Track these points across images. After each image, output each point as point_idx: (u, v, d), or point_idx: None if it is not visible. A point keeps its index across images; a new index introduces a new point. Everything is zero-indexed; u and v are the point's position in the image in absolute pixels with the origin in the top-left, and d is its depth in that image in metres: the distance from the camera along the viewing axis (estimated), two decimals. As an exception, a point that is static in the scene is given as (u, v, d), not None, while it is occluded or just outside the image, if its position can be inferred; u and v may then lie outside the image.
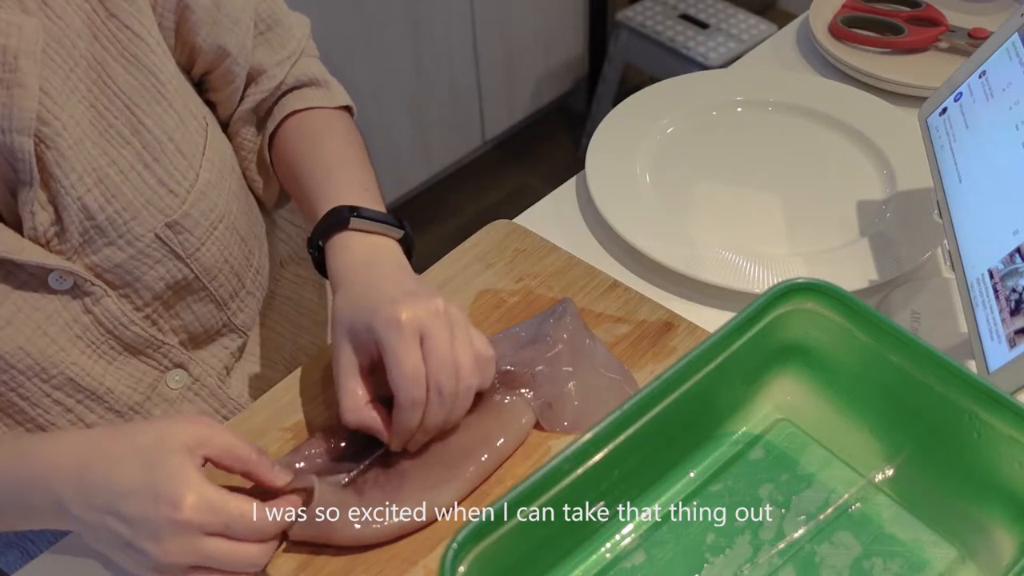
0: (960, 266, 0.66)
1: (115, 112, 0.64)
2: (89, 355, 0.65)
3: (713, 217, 0.86)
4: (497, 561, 0.52)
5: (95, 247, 0.64)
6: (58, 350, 0.63)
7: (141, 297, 0.67)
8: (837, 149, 0.92)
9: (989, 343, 0.60)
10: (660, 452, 0.60)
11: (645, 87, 0.98)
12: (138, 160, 0.65)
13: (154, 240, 0.66)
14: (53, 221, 0.62)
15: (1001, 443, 0.55)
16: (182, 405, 0.72)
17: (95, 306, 0.65)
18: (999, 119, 0.68)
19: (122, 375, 0.68)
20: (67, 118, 0.61)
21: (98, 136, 0.63)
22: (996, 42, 0.71)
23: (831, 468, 0.62)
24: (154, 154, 0.66)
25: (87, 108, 0.63)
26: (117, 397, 0.68)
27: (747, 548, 0.59)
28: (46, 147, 0.60)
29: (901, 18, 1.02)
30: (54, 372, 0.63)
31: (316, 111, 0.77)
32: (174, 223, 0.67)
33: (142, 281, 0.67)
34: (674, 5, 2.14)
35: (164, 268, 0.67)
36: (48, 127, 0.60)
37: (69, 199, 0.61)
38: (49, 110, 0.60)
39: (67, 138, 0.61)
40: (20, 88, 0.57)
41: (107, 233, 0.64)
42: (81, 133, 0.62)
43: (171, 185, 0.66)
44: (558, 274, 0.76)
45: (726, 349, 0.60)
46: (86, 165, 0.62)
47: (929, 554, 0.58)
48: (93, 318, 0.65)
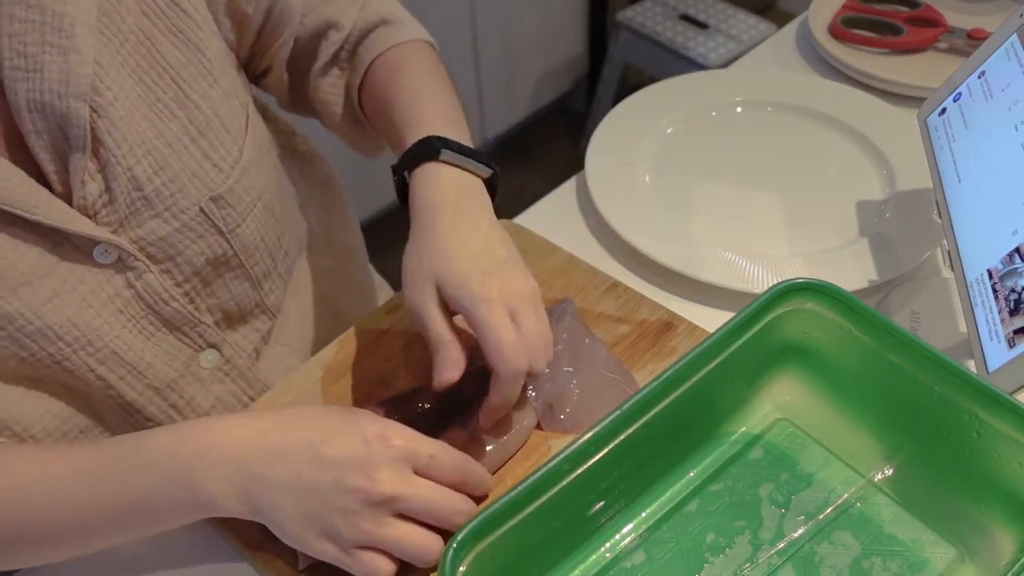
0: (959, 266, 0.66)
1: (163, 86, 0.65)
2: (130, 329, 0.66)
3: (713, 217, 0.86)
4: (497, 561, 0.53)
5: (141, 219, 0.64)
6: (102, 323, 0.64)
7: (182, 272, 0.68)
8: (837, 149, 0.92)
9: (988, 343, 0.60)
10: (660, 452, 0.60)
11: (645, 87, 0.98)
12: (184, 134, 0.66)
13: (198, 214, 0.66)
14: (102, 191, 0.62)
15: (1001, 443, 0.55)
16: (212, 385, 0.73)
17: (137, 281, 0.65)
18: (998, 119, 0.68)
19: (159, 351, 0.68)
20: (118, 89, 0.62)
21: (147, 109, 0.64)
22: (995, 42, 0.71)
23: (831, 468, 0.62)
24: (200, 128, 0.66)
25: (136, 82, 0.64)
26: (156, 373, 0.68)
27: (747, 548, 0.59)
28: (98, 116, 0.61)
29: (900, 18, 1.02)
30: (99, 344, 0.64)
31: (394, 48, 0.76)
32: (218, 197, 0.67)
33: (184, 255, 0.67)
34: (674, 5, 2.14)
35: (205, 243, 0.68)
36: (101, 97, 0.61)
37: (120, 169, 0.62)
38: (102, 80, 0.61)
39: (118, 108, 0.62)
40: (76, 54, 0.58)
41: (154, 205, 0.64)
42: (131, 105, 0.63)
43: (216, 159, 0.67)
44: (558, 274, 0.76)
45: (726, 349, 0.60)
46: (136, 136, 0.63)
47: (929, 554, 0.58)
48: (134, 292, 0.65)
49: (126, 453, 0.56)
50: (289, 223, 0.78)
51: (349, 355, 0.72)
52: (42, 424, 0.64)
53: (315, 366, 0.72)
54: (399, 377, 0.70)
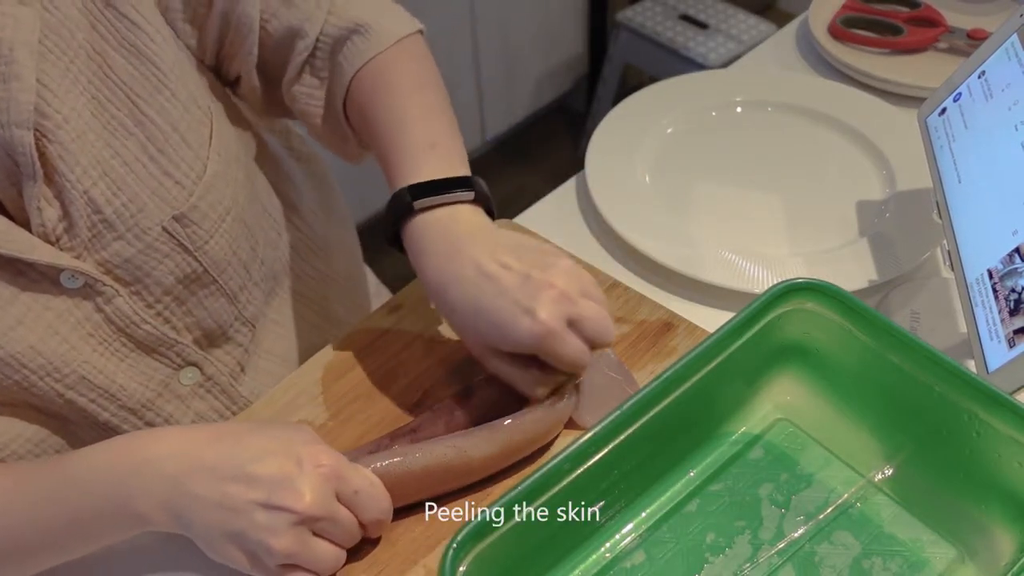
0: (959, 266, 0.66)
1: (117, 103, 0.63)
2: (101, 353, 0.65)
3: (713, 217, 0.86)
4: (497, 561, 0.53)
5: (104, 242, 0.63)
6: (69, 348, 0.63)
7: (152, 293, 0.67)
8: (837, 149, 0.92)
9: (988, 343, 0.60)
10: (660, 452, 0.60)
11: (645, 87, 0.98)
12: (143, 152, 0.64)
13: (161, 233, 0.65)
14: (61, 216, 0.61)
15: (1001, 443, 0.55)
16: (192, 401, 0.72)
17: (106, 305, 0.64)
18: (998, 119, 0.68)
19: (134, 373, 0.67)
20: (68, 110, 0.60)
21: (101, 128, 0.62)
22: (995, 42, 0.71)
23: (831, 468, 0.62)
24: (159, 145, 0.65)
25: (88, 100, 0.62)
26: (130, 395, 0.67)
27: (747, 548, 0.59)
28: (48, 141, 0.59)
29: (900, 19, 1.02)
30: (66, 371, 0.63)
31: (374, 60, 0.72)
32: (181, 216, 0.66)
33: (152, 276, 0.66)
34: (674, 5, 2.14)
35: (173, 262, 0.66)
36: (49, 120, 0.59)
37: (75, 193, 0.61)
38: (49, 103, 0.59)
39: (69, 131, 0.60)
40: (16, 80, 0.57)
41: (115, 227, 0.63)
42: (83, 125, 0.61)
43: (177, 176, 0.66)
44: (558, 274, 0.76)
45: (726, 349, 0.60)
46: (90, 158, 0.61)
47: (929, 554, 0.58)
48: (104, 316, 0.64)
49: (61, 472, 0.57)
50: (265, 231, 0.76)
51: (349, 355, 0.72)
52: (12, 448, 0.63)
53: (315, 366, 0.72)
54: (399, 377, 0.70)
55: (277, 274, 0.79)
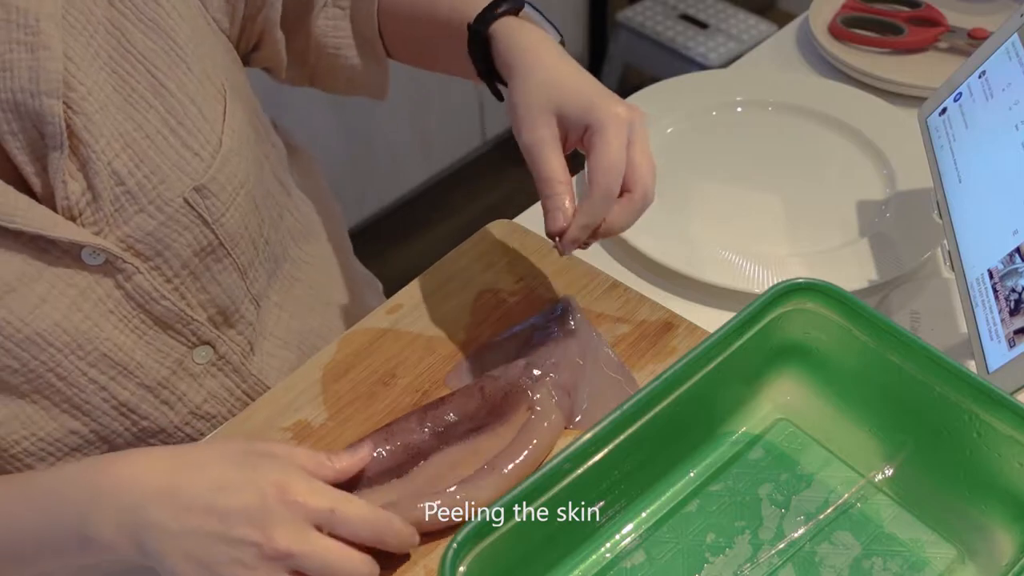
0: (960, 266, 0.66)
1: (137, 76, 0.64)
2: (121, 330, 0.66)
3: (713, 217, 0.86)
4: (497, 561, 0.53)
5: (126, 215, 0.64)
6: (92, 325, 0.63)
7: (171, 267, 0.67)
8: (837, 149, 0.92)
9: (989, 343, 0.60)
10: (660, 452, 0.60)
11: (645, 87, 0.98)
12: (163, 124, 0.65)
13: (183, 205, 0.66)
14: (84, 190, 0.62)
15: (1001, 443, 0.55)
16: (205, 380, 0.72)
17: (127, 282, 0.65)
18: (999, 119, 0.68)
19: (151, 350, 0.68)
20: (91, 83, 0.61)
21: (122, 101, 0.63)
22: (996, 42, 0.71)
23: (831, 468, 0.62)
24: (178, 117, 0.66)
25: (109, 74, 0.63)
26: (147, 372, 0.68)
27: (747, 548, 0.59)
28: (73, 112, 0.60)
29: (901, 18, 1.02)
30: (89, 348, 0.64)
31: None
32: (201, 187, 0.67)
33: (171, 249, 0.67)
34: (674, 5, 2.14)
35: (192, 235, 0.67)
36: (74, 92, 0.60)
37: (100, 164, 0.61)
38: (73, 75, 0.60)
39: (93, 102, 0.61)
40: (45, 50, 0.57)
41: (138, 199, 0.64)
42: (105, 98, 0.62)
43: (196, 148, 0.67)
44: (558, 274, 0.76)
45: (726, 349, 0.60)
46: (113, 130, 0.62)
47: (929, 554, 0.58)
48: (125, 293, 0.65)
49: (28, 494, 0.56)
50: (270, 212, 0.78)
51: (349, 355, 0.72)
52: (23, 446, 0.64)
53: (315, 366, 0.72)
54: (399, 377, 0.70)
55: (277, 256, 0.80)
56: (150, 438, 0.71)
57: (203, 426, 0.73)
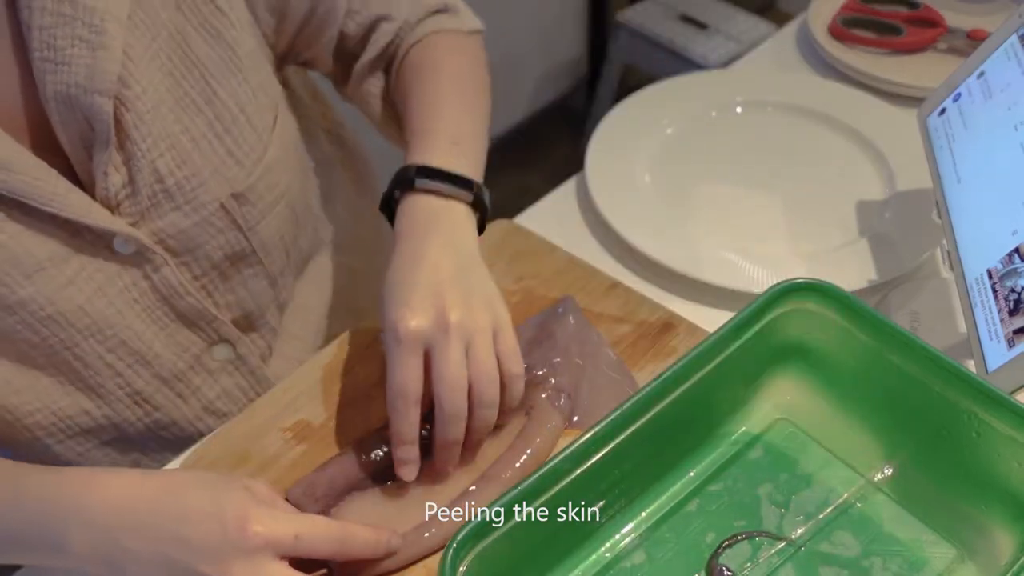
0: (959, 266, 0.66)
1: (191, 81, 0.65)
2: (143, 320, 0.67)
3: (713, 217, 0.86)
4: (497, 561, 0.53)
5: (161, 211, 0.65)
6: (115, 312, 0.65)
7: (200, 266, 0.68)
8: (837, 149, 0.92)
9: (988, 343, 0.60)
10: (660, 452, 0.60)
11: (645, 87, 0.98)
12: (209, 129, 0.66)
13: (218, 209, 0.67)
14: (125, 183, 0.63)
15: (1000, 443, 0.55)
16: (221, 376, 0.73)
17: (154, 273, 0.66)
18: (998, 120, 0.68)
19: (171, 343, 0.69)
20: (147, 83, 0.62)
21: (173, 103, 0.64)
22: (995, 43, 0.71)
23: (831, 468, 0.62)
24: (225, 125, 0.67)
25: (165, 75, 0.64)
26: (163, 363, 0.69)
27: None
28: (125, 109, 0.61)
29: (900, 19, 1.02)
30: (109, 333, 0.65)
31: (439, 36, 0.76)
32: (240, 194, 0.68)
33: (202, 249, 0.68)
34: (673, 6, 2.14)
35: (224, 238, 0.68)
36: (129, 90, 0.61)
37: (143, 161, 0.63)
38: (131, 73, 0.61)
39: (145, 102, 0.62)
40: (104, 50, 0.59)
41: (174, 198, 0.65)
42: (158, 98, 0.63)
43: (239, 156, 0.68)
44: (558, 274, 0.77)
45: (726, 349, 0.60)
46: (161, 130, 0.63)
47: (929, 554, 0.58)
48: (151, 284, 0.66)
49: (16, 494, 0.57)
50: (309, 221, 0.79)
51: (349, 356, 0.72)
52: (36, 418, 0.65)
53: (315, 367, 0.72)
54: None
55: (308, 262, 0.80)
56: (161, 431, 0.71)
57: (214, 422, 0.74)
